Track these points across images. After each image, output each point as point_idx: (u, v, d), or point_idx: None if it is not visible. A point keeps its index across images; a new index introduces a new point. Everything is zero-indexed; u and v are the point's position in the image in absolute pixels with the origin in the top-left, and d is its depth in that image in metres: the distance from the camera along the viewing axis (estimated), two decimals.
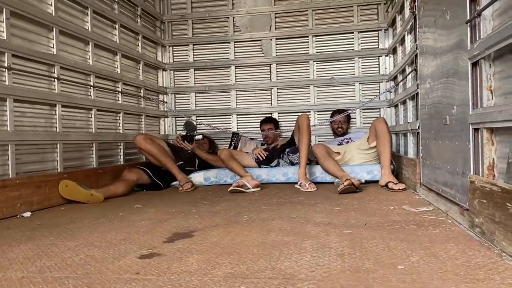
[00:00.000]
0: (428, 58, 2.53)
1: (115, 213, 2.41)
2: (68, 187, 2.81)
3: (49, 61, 2.93)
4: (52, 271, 1.34)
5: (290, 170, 3.70)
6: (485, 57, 1.60)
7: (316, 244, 1.57)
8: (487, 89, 1.61)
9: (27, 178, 2.59)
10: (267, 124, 4.27)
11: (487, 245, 1.46)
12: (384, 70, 4.52)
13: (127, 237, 1.78)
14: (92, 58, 3.45)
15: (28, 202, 2.55)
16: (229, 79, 4.83)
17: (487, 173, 1.61)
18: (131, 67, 4.18)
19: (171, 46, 4.94)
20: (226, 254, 1.46)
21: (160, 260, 1.43)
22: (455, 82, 1.95)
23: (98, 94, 3.53)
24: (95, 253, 1.54)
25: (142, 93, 4.33)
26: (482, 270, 1.21)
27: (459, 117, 1.90)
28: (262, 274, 1.24)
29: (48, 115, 2.92)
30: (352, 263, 1.32)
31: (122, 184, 3.22)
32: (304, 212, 2.26)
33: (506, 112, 1.37)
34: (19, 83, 2.65)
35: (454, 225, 1.80)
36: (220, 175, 3.79)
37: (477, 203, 1.58)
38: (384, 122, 3.36)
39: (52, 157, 2.93)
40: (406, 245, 1.50)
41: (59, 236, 1.86)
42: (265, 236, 1.72)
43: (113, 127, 3.79)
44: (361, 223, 1.92)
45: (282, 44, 4.76)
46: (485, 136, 1.61)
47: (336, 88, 4.65)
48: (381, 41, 4.54)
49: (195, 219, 2.16)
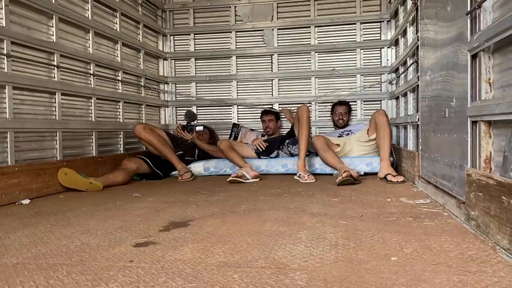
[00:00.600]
0: (429, 50, 2.51)
1: (113, 202, 2.42)
2: (67, 175, 2.82)
3: (48, 49, 2.92)
4: (47, 258, 1.35)
5: (290, 161, 3.70)
6: (484, 49, 1.59)
7: (311, 234, 1.57)
8: (485, 82, 1.60)
9: (26, 165, 2.59)
10: (267, 115, 4.26)
11: (481, 238, 1.46)
12: (386, 62, 4.49)
13: (124, 226, 1.79)
14: (92, 46, 3.44)
15: (27, 190, 2.56)
16: (230, 69, 4.81)
17: (484, 166, 1.60)
18: (132, 56, 4.17)
19: (172, 35, 4.91)
20: (221, 244, 1.47)
21: (154, 248, 1.43)
22: (455, 74, 1.93)
23: (98, 82, 3.53)
24: (90, 241, 1.55)
25: (142, 82, 4.32)
26: (475, 263, 1.21)
27: (458, 110, 1.89)
28: (255, 264, 1.24)
29: (47, 103, 2.92)
30: (345, 254, 1.32)
31: (121, 173, 3.23)
32: (301, 203, 2.26)
33: (503, 105, 1.37)
34: (18, 71, 2.65)
35: (450, 218, 1.80)
36: (220, 165, 3.80)
37: (473, 196, 1.57)
38: (384, 114, 3.35)
39: (51, 145, 2.93)
40: (400, 237, 1.50)
41: (56, 223, 1.87)
42: (261, 226, 1.73)
43: (113, 116, 3.79)
44: (357, 214, 1.92)
45: (284, 35, 4.73)
46: (483, 129, 1.60)
47: (338, 80, 4.62)
48: (383, 33, 4.50)
49: (193, 208, 2.17)
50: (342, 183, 2.86)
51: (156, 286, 1.08)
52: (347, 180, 2.87)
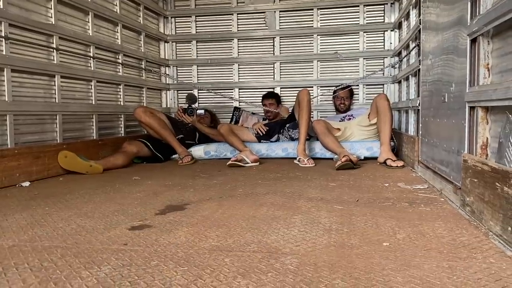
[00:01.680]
0: (430, 34, 2.48)
1: (112, 185, 2.44)
2: (67, 158, 2.83)
3: (47, 31, 2.90)
4: (43, 240, 1.36)
5: (290, 145, 3.69)
6: (484, 33, 1.56)
7: (306, 219, 1.58)
8: (484, 67, 1.58)
9: (26, 148, 2.60)
10: (268, 99, 4.24)
11: (475, 224, 1.46)
12: (389, 46, 4.44)
13: (121, 209, 1.81)
14: (92, 28, 3.41)
15: (27, 172, 2.58)
16: (232, 52, 4.77)
17: (480, 152, 1.59)
18: (132, 38, 4.14)
19: (173, 17, 4.87)
20: (215, 227, 1.48)
21: (149, 232, 1.44)
22: (455, 59, 1.91)
23: (98, 65, 3.52)
24: (87, 224, 1.56)
25: (143, 65, 4.30)
26: (466, 249, 1.21)
27: (457, 95, 1.87)
28: (248, 248, 1.25)
29: (47, 85, 2.92)
30: (337, 238, 1.33)
31: (122, 156, 3.24)
32: (299, 187, 2.27)
33: (500, 91, 1.35)
34: (17, 53, 2.64)
35: (446, 204, 1.80)
36: (220, 149, 3.80)
37: (469, 182, 1.57)
38: (386, 98, 3.32)
39: (51, 128, 2.94)
40: (394, 222, 1.51)
41: (54, 206, 1.89)
42: (256, 210, 1.74)
43: (114, 99, 3.78)
44: (354, 199, 1.92)
45: (286, 17, 4.67)
46: (480, 115, 1.58)
47: (340, 63, 4.58)
48: (387, 15, 4.44)
49: (190, 192, 2.18)
50: (341, 168, 2.86)
51: (147, 269, 1.09)
52: (346, 164, 2.87)
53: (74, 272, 1.07)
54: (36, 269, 1.10)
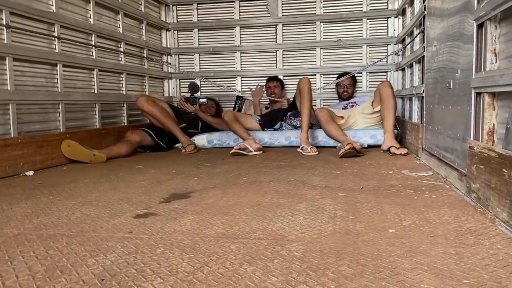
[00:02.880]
0: (435, 20, 2.45)
1: (116, 174, 2.44)
2: (70, 147, 2.83)
3: (49, 20, 2.88)
4: (48, 229, 1.36)
5: (293, 133, 3.68)
6: (491, 18, 1.54)
7: (310, 206, 1.57)
8: (491, 52, 1.56)
9: (29, 137, 2.60)
10: (273, 81, 4.24)
11: (481, 210, 1.45)
12: (392, 32, 4.39)
13: (125, 197, 1.81)
14: (93, 17, 3.39)
15: (30, 161, 2.58)
16: (234, 40, 4.74)
17: (487, 139, 1.58)
18: (134, 26, 4.11)
19: (175, 5, 4.82)
20: (220, 215, 1.48)
21: (154, 219, 1.44)
22: (460, 45, 1.89)
23: (100, 54, 3.49)
24: (91, 212, 1.56)
25: (145, 54, 4.27)
26: (472, 235, 1.20)
27: (462, 81, 1.85)
28: (253, 235, 1.25)
29: (49, 74, 2.91)
30: (343, 225, 1.32)
31: (125, 145, 3.24)
32: (303, 175, 2.26)
33: (507, 76, 1.33)
34: (18, 42, 2.62)
35: (451, 190, 1.79)
36: (223, 138, 3.79)
37: (475, 168, 1.56)
38: (389, 86, 3.30)
39: (54, 117, 2.94)
40: (400, 209, 1.50)
41: (58, 195, 1.89)
42: (261, 198, 1.73)
43: (116, 88, 3.77)
44: (358, 186, 1.92)
45: (288, 4, 4.62)
46: (487, 100, 1.57)
47: (343, 51, 4.54)
48: (391, 2, 4.38)
49: (194, 180, 2.18)
50: (344, 156, 2.85)
51: (153, 256, 1.09)
52: (350, 152, 2.86)
53: (80, 260, 1.07)
54: (42, 257, 1.10)
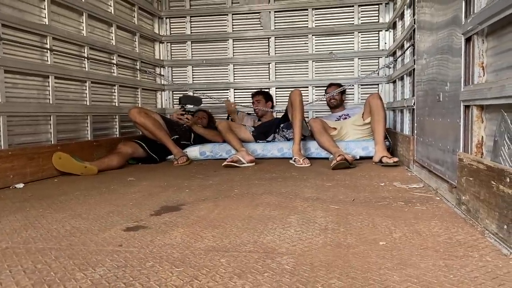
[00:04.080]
0: (425, 34, 2.48)
1: (107, 186, 2.42)
2: (61, 159, 2.81)
3: (41, 32, 2.88)
4: (37, 242, 1.35)
5: (286, 145, 3.69)
6: (478, 32, 1.56)
7: (302, 219, 1.57)
8: (479, 66, 1.58)
9: (19, 149, 2.58)
10: (257, 96, 4.23)
11: (471, 222, 1.46)
12: (383, 45, 4.45)
13: (116, 210, 1.79)
14: (86, 29, 3.39)
15: (21, 174, 2.56)
16: (227, 53, 4.77)
17: (476, 151, 1.60)
18: (127, 39, 4.12)
19: (168, 18, 4.85)
20: (211, 228, 1.47)
21: (144, 232, 1.43)
22: (449, 58, 1.91)
23: (93, 66, 3.50)
24: (81, 225, 1.55)
25: (138, 66, 4.28)
26: (462, 247, 1.21)
27: (451, 94, 1.87)
28: (244, 248, 1.24)
29: (40, 86, 2.90)
30: (334, 238, 1.32)
31: (116, 157, 3.22)
32: (295, 187, 2.26)
33: (495, 89, 1.35)
34: (10, 54, 2.62)
35: (442, 203, 1.80)
36: (216, 149, 3.79)
37: (465, 180, 1.57)
38: (379, 98, 3.33)
39: (45, 129, 2.92)
40: (390, 222, 1.51)
41: (48, 207, 1.87)
42: (253, 210, 1.73)
43: (108, 100, 3.76)
44: (350, 199, 1.92)
45: (281, 17, 4.67)
46: (475, 113, 1.59)
47: (335, 63, 4.59)
48: (382, 15, 4.45)
49: (186, 193, 2.17)
50: (336, 167, 2.86)
51: (142, 270, 1.08)
52: (341, 164, 2.87)
53: (68, 274, 1.06)
54: (30, 271, 1.09)
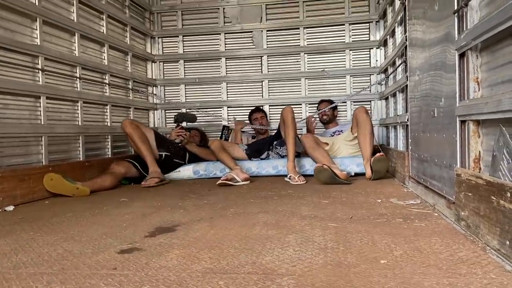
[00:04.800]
0: (417, 50, 2.51)
1: (100, 207, 2.37)
2: (53, 180, 2.76)
3: (32, 52, 2.87)
4: (28, 267, 1.30)
5: (280, 162, 3.67)
6: (472, 48, 1.57)
7: (300, 238, 1.54)
8: (473, 81, 1.59)
9: (10, 171, 2.54)
10: (260, 112, 4.26)
11: (472, 238, 1.44)
12: (375, 63, 4.49)
13: (109, 232, 1.75)
14: (78, 49, 3.39)
15: (11, 196, 2.50)
16: (220, 71, 4.78)
17: (473, 166, 1.59)
18: (119, 58, 4.12)
19: (161, 38, 4.87)
20: (208, 249, 1.44)
21: (139, 255, 1.39)
22: (443, 74, 1.92)
23: (85, 86, 3.48)
24: (74, 248, 1.51)
25: (130, 85, 4.27)
26: (465, 264, 1.19)
27: (446, 110, 1.88)
28: (242, 269, 1.21)
29: (32, 107, 2.87)
30: (334, 257, 1.30)
31: (109, 177, 3.17)
32: (291, 205, 2.23)
33: (491, 104, 1.35)
34: (1, 75, 2.59)
35: (440, 219, 1.78)
36: (210, 168, 3.76)
37: (463, 196, 1.56)
38: (364, 111, 3.36)
39: (36, 150, 2.88)
40: (390, 239, 1.48)
41: (39, 230, 1.82)
42: (249, 230, 1.70)
43: (101, 120, 3.74)
44: (347, 216, 1.90)
45: (273, 36, 4.71)
46: (472, 128, 1.59)
47: (327, 81, 4.62)
48: (372, 33, 4.50)
49: (180, 213, 2.13)
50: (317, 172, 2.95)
51: None
52: (325, 171, 2.88)
53: None
54: None
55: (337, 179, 2.91)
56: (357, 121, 3.37)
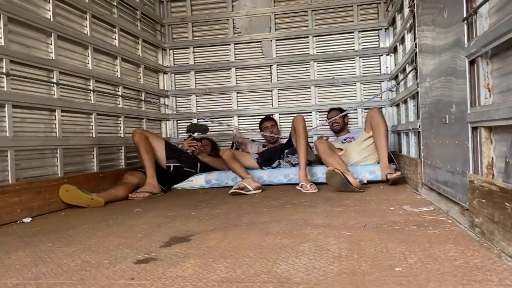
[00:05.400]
0: (427, 57, 2.51)
1: (115, 218, 2.41)
2: (68, 191, 2.81)
3: (48, 66, 2.93)
4: (47, 278, 1.33)
5: (292, 171, 3.68)
6: (482, 54, 1.58)
7: (314, 246, 1.55)
8: (484, 87, 1.59)
9: (27, 183, 2.59)
10: (270, 121, 4.28)
11: (486, 245, 1.44)
12: (385, 69, 4.50)
13: (125, 242, 1.78)
14: (92, 62, 3.45)
15: (28, 208, 2.55)
16: (230, 81, 4.82)
17: (486, 172, 1.59)
18: (132, 70, 4.19)
19: (172, 49, 4.94)
20: (223, 258, 1.45)
21: (155, 265, 1.42)
22: (454, 80, 1.93)
23: (98, 98, 3.54)
24: (91, 259, 1.53)
25: (143, 97, 4.33)
26: (480, 271, 1.19)
27: (458, 116, 1.88)
28: (257, 278, 1.22)
29: (47, 120, 2.93)
30: (349, 265, 1.30)
31: (123, 188, 3.22)
32: (304, 214, 2.24)
33: (503, 110, 1.35)
34: (18, 89, 2.66)
35: (454, 225, 1.78)
36: (221, 177, 3.78)
37: (477, 202, 1.56)
38: (378, 112, 3.38)
39: (52, 162, 2.93)
40: (404, 247, 1.48)
41: (57, 241, 1.86)
42: (263, 239, 1.71)
43: (114, 131, 3.79)
44: (361, 224, 1.90)
45: (282, 45, 4.75)
46: (484, 134, 1.59)
47: (337, 88, 4.63)
48: (382, 40, 4.52)
49: (194, 222, 2.15)
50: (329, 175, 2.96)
51: None
52: (337, 175, 2.89)
53: None
54: None
55: (349, 186, 2.91)
56: (371, 122, 3.38)
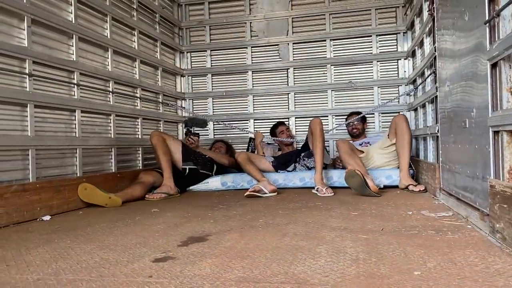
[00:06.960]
0: (447, 61, 2.49)
1: (132, 217, 2.43)
2: (87, 190, 2.85)
3: (69, 68, 2.99)
4: (67, 274, 1.35)
5: (307, 174, 3.67)
6: (504, 58, 1.56)
7: (331, 249, 1.54)
8: (507, 91, 1.57)
9: (46, 182, 2.63)
10: (284, 125, 4.29)
11: (508, 251, 1.41)
12: (403, 74, 4.46)
13: (142, 241, 1.79)
14: (111, 64, 3.50)
15: (47, 206, 2.59)
16: (246, 84, 4.84)
17: (508, 177, 1.56)
18: (150, 73, 4.23)
19: (189, 52, 4.98)
20: (240, 258, 1.46)
21: (173, 263, 1.43)
22: (474, 85, 1.90)
23: (117, 99, 3.59)
24: (110, 256, 1.55)
25: (160, 99, 4.37)
26: (502, 277, 1.17)
27: (478, 120, 1.85)
28: (275, 279, 1.22)
29: (67, 120, 2.98)
30: (367, 268, 1.29)
31: (139, 187, 3.25)
32: (320, 217, 2.23)
33: None
34: (39, 89, 2.71)
35: (474, 231, 1.75)
36: (237, 179, 3.79)
37: (498, 208, 1.53)
38: (404, 119, 3.33)
39: (71, 161, 2.98)
40: (423, 251, 1.47)
41: (76, 239, 1.89)
42: (280, 240, 1.71)
43: (132, 132, 3.83)
44: (378, 228, 1.89)
45: (299, 49, 4.75)
46: (506, 139, 1.56)
47: (354, 92, 4.61)
48: (400, 44, 4.48)
49: (211, 223, 2.16)
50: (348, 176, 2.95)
51: None
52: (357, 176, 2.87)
53: None
54: None
55: (367, 190, 2.88)
56: (395, 129, 3.34)
